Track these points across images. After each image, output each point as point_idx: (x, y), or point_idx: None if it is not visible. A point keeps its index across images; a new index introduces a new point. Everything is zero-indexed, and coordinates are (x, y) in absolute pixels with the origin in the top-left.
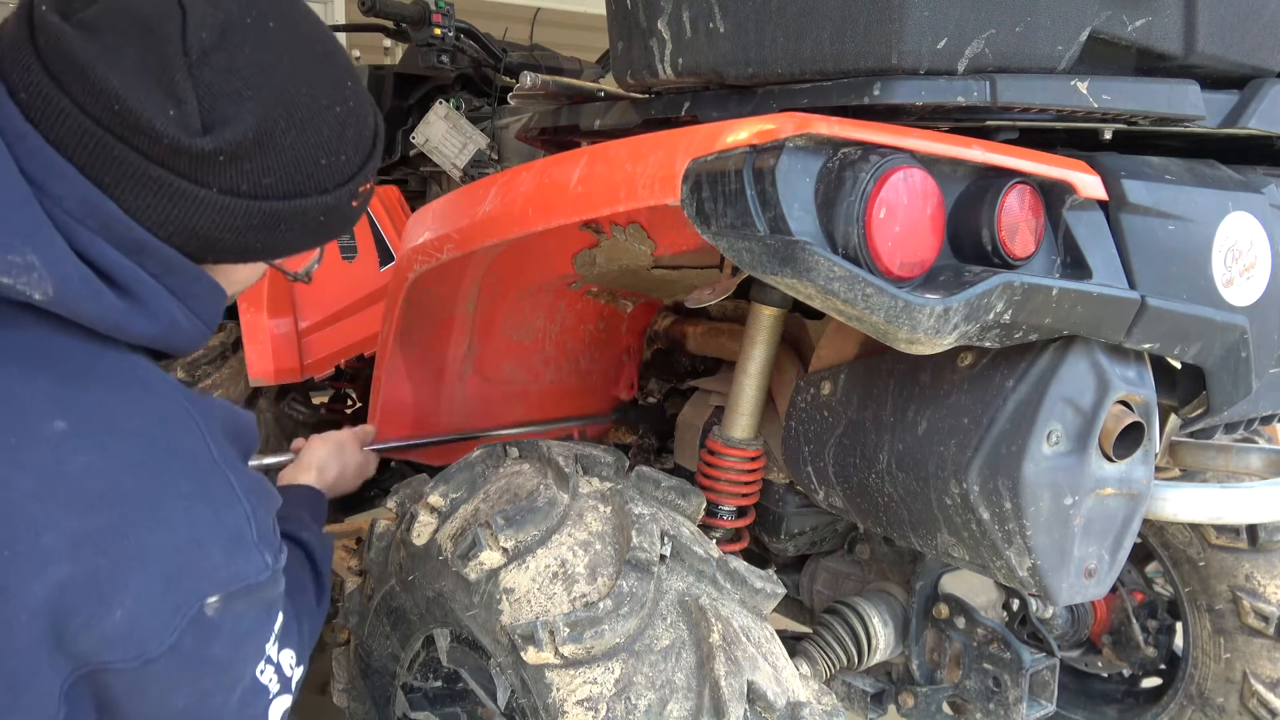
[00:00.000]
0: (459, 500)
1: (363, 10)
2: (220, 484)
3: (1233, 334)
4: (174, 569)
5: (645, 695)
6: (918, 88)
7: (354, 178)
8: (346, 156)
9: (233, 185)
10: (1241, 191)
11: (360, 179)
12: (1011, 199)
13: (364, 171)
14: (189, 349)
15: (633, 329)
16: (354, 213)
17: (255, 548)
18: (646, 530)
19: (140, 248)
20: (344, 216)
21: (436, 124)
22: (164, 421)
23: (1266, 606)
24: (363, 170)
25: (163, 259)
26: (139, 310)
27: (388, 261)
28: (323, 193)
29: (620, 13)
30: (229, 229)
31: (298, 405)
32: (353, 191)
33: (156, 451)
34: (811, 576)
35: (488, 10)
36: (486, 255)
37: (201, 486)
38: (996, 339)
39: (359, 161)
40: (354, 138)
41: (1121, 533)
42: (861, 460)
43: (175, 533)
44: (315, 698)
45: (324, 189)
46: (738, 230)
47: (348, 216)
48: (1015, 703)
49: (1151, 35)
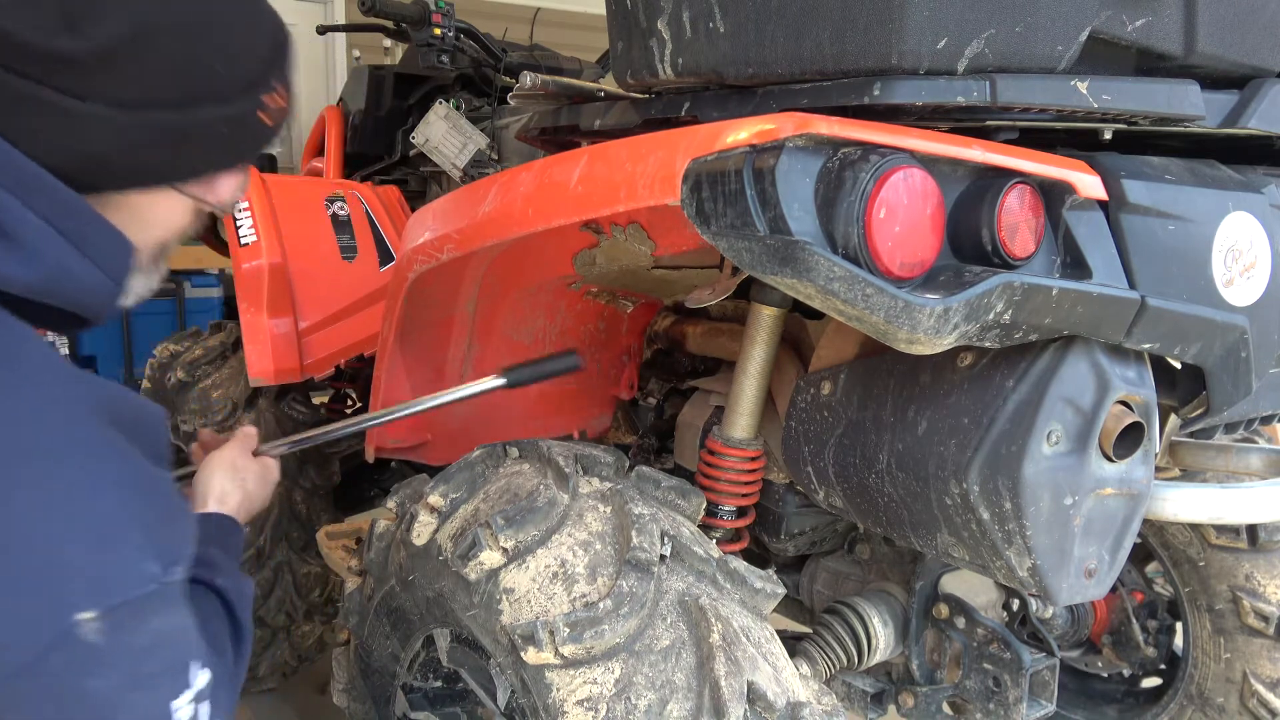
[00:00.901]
0: (459, 500)
1: (363, 10)
2: (89, 472)
3: (1233, 334)
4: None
5: (645, 695)
6: (918, 88)
7: (257, 85)
8: (246, 61)
9: (115, 95)
10: (1241, 191)
11: (264, 86)
12: (1011, 199)
13: (268, 78)
14: (95, 306)
15: (633, 329)
16: (264, 129)
17: (135, 550)
18: (646, 530)
19: (20, 180)
20: (252, 132)
21: (436, 124)
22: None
23: (1266, 606)
24: (266, 76)
25: (48, 192)
26: (14, 252)
27: (388, 261)
28: (222, 101)
29: (620, 13)
30: (119, 147)
31: (298, 405)
32: (257, 101)
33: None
34: (811, 576)
35: (488, 10)
36: (486, 255)
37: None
38: (996, 339)
39: (259, 67)
40: (250, 40)
41: (1121, 533)
42: (861, 460)
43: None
44: (315, 698)
45: (223, 97)
46: (738, 230)
47: (257, 132)
48: (1015, 703)
49: (1151, 35)
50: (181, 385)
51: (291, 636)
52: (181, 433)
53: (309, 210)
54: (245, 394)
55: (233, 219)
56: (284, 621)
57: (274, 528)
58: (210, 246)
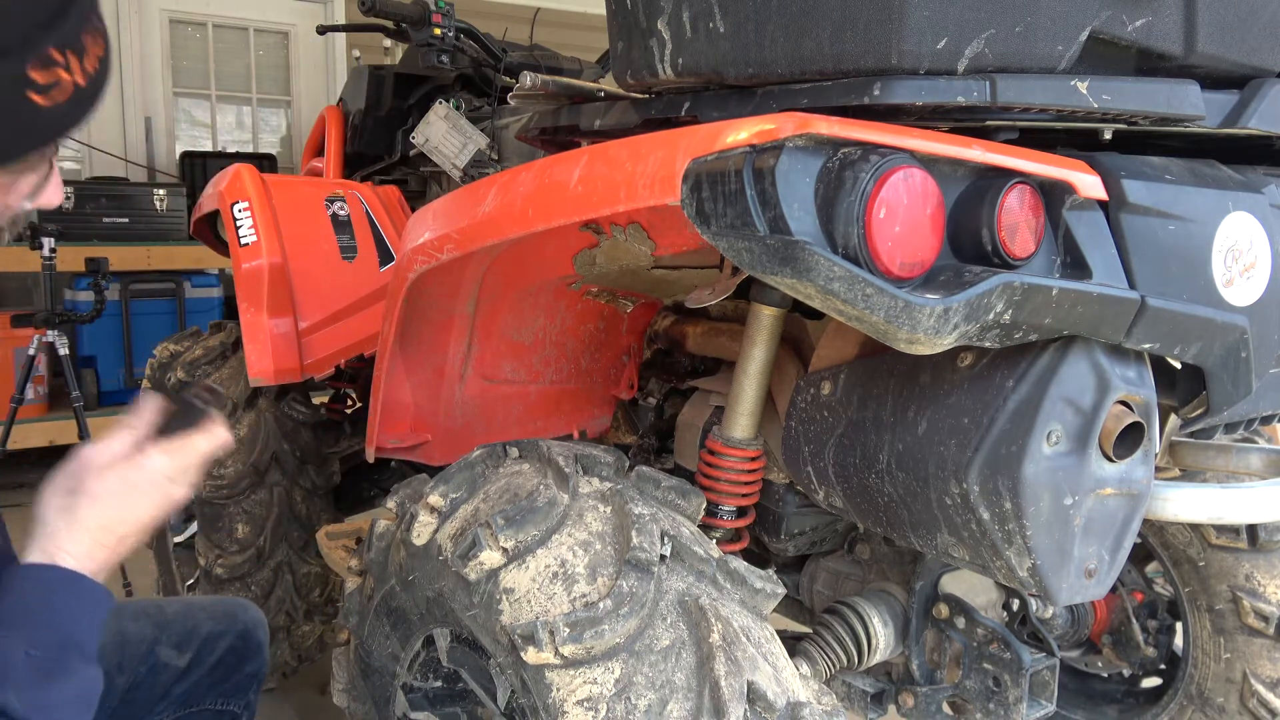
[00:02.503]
0: (459, 500)
1: (363, 10)
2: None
3: (1233, 334)
4: None
5: (645, 695)
6: (918, 88)
7: (16, 51)
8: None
9: None
10: (1241, 191)
11: (30, 53)
12: (1011, 199)
13: (34, 45)
14: None
15: (633, 329)
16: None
17: None
18: (646, 530)
19: None
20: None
21: (436, 124)
22: None
23: (1266, 606)
24: (32, 43)
25: None
26: None
27: (388, 261)
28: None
29: (620, 13)
30: None
31: (298, 405)
32: (20, 73)
33: None
34: (811, 576)
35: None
36: (486, 255)
37: None
38: (996, 339)
39: (21, 32)
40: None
41: (1121, 533)
42: (861, 460)
43: None
44: (315, 698)
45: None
46: (738, 230)
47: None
48: (1015, 703)
49: (1151, 35)
50: (182, 385)
51: (291, 636)
52: None
53: (309, 210)
54: (245, 394)
55: (233, 219)
56: (284, 621)
57: (274, 528)
58: (210, 246)
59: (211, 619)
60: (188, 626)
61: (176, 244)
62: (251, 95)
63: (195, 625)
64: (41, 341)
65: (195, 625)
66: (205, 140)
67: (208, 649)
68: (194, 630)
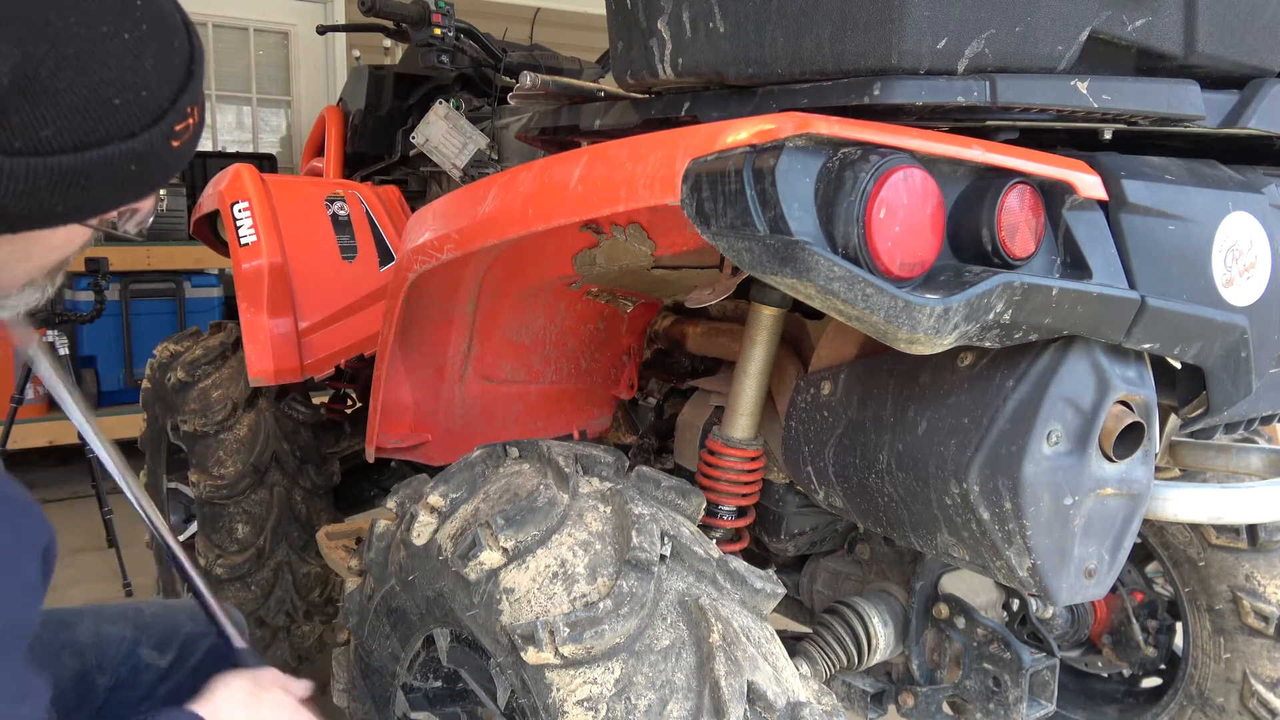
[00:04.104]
0: (459, 500)
1: (363, 10)
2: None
3: (1233, 334)
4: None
5: (645, 695)
6: (918, 88)
7: (166, 114)
8: (151, 91)
9: (4, 143)
10: (1241, 191)
11: (174, 115)
12: (1011, 199)
13: (178, 106)
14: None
15: (633, 329)
16: (175, 156)
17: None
18: (646, 530)
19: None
20: (163, 162)
21: (436, 124)
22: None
23: (1266, 606)
24: (176, 104)
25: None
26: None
27: (388, 261)
28: (127, 137)
29: (620, 13)
30: (13, 194)
31: (298, 405)
32: (168, 131)
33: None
34: (811, 576)
35: (488, 10)
36: (486, 255)
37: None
38: (996, 339)
39: (169, 95)
40: (157, 67)
41: (1121, 533)
42: (861, 460)
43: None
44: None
45: (128, 133)
46: (738, 230)
47: (167, 161)
48: (1015, 703)
49: (1151, 35)
50: (181, 385)
51: (291, 636)
52: (182, 433)
53: (309, 210)
54: (245, 394)
55: (233, 219)
56: (284, 621)
57: (274, 528)
58: (210, 246)
59: (192, 620)
60: (168, 627)
61: (176, 244)
62: (251, 95)
63: (176, 626)
64: (41, 341)
65: (176, 626)
66: (205, 140)
67: (190, 649)
68: (175, 631)
